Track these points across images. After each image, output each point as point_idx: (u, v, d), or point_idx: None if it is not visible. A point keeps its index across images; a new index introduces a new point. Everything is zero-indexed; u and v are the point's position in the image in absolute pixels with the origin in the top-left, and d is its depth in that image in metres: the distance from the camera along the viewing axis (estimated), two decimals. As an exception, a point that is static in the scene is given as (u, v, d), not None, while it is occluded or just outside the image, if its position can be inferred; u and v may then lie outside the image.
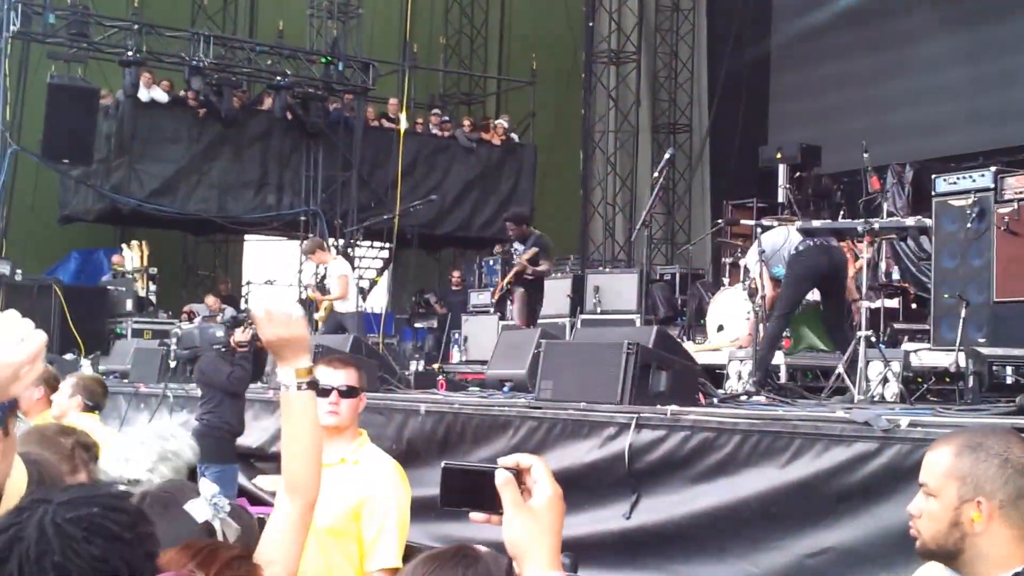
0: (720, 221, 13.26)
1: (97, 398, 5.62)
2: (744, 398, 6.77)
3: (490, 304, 14.60)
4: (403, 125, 15.44)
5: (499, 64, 22.38)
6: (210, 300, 15.90)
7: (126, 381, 10.80)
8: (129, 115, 16.57)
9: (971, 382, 6.40)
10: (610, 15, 21.33)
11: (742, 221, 12.51)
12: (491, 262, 16.62)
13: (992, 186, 7.82)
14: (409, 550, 3.66)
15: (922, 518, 2.25)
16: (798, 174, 13.36)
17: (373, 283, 18.94)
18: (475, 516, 1.59)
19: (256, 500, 7.14)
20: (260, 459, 8.20)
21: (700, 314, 12.32)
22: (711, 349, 9.77)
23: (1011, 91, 16.29)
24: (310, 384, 2.48)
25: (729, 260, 11.84)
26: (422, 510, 4.32)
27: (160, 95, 16.78)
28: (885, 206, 10.41)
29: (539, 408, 6.06)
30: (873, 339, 6.86)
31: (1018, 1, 16.50)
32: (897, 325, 9.96)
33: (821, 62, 19.58)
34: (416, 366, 10.46)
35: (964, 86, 17.26)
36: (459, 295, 16.93)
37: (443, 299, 17.84)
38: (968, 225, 7.89)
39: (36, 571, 1.52)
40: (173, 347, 9.98)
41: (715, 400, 6.45)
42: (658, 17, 22.05)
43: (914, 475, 2.38)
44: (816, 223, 7.52)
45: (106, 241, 18.18)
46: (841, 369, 6.74)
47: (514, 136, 20.11)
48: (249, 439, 7.84)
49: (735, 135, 19.83)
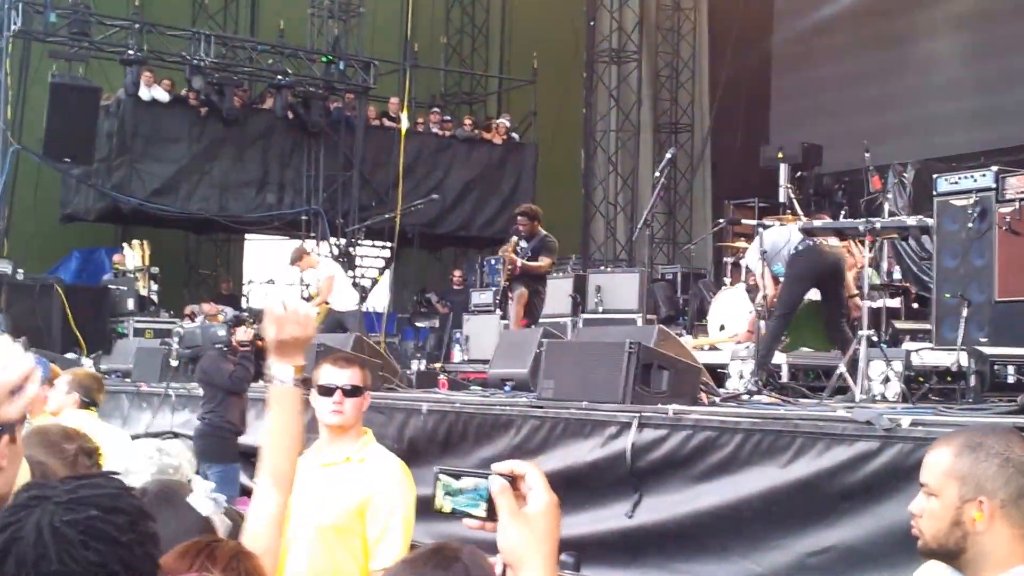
0: (721, 221, 13.28)
1: (93, 394, 5.55)
2: (746, 397, 6.77)
3: (492, 304, 14.62)
4: (404, 124, 15.42)
5: (500, 63, 22.37)
6: (207, 307, 15.83)
7: (128, 380, 10.81)
8: (130, 114, 16.58)
9: (973, 381, 6.40)
10: (611, 14, 21.30)
11: (743, 220, 12.51)
12: (492, 261, 16.61)
13: (993, 186, 7.83)
14: (413, 549, 3.66)
15: (923, 517, 2.25)
16: (799, 173, 13.38)
17: (374, 282, 18.98)
18: (469, 523, 1.58)
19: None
20: (263, 458, 8.18)
21: (702, 313, 12.34)
22: (709, 345, 9.78)
23: (1012, 91, 16.29)
24: (304, 382, 2.59)
25: (730, 259, 11.85)
26: (424, 510, 4.32)
27: (161, 94, 16.78)
28: (886, 205, 10.43)
29: (541, 407, 6.06)
30: (875, 338, 6.86)
31: (1019, 1, 16.50)
32: (899, 324, 9.96)
33: (822, 61, 19.58)
34: (417, 365, 10.48)
35: (965, 86, 17.26)
36: (460, 294, 16.93)
37: (444, 298, 17.83)
38: (969, 225, 7.89)
39: (33, 575, 1.52)
40: (175, 346, 9.98)
41: (717, 399, 6.45)
42: (659, 16, 22.02)
43: (915, 474, 2.38)
44: (817, 223, 7.51)
45: (107, 240, 18.18)
46: (843, 368, 6.75)
47: (515, 135, 20.12)
48: (252, 438, 7.83)
49: (736, 134, 19.82)
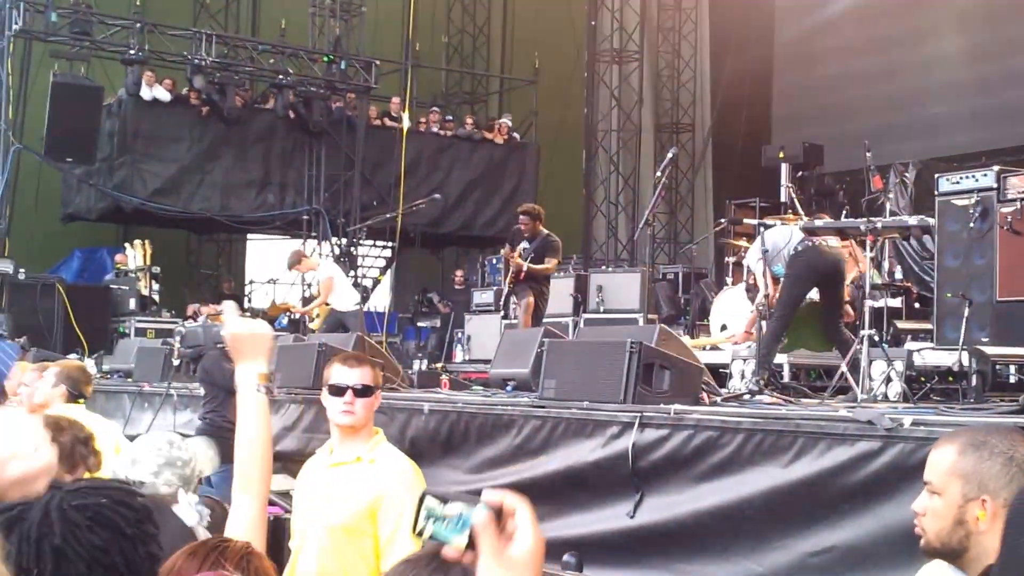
0: (723, 220, 13.27)
1: (81, 387, 5.46)
2: (747, 397, 6.77)
3: (493, 304, 14.61)
4: (406, 124, 15.41)
5: (501, 63, 22.39)
6: (206, 308, 15.76)
7: (130, 380, 10.81)
8: (132, 114, 16.60)
9: (974, 381, 6.40)
10: (612, 14, 21.31)
11: (745, 220, 12.49)
12: (494, 261, 16.62)
13: (995, 186, 7.82)
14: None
15: (926, 516, 2.26)
16: (801, 173, 13.37)
17: (376, 282, 19.01)
18: (447, 552, 1.50)
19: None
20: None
21: (703, 313, 12.34)
22: (709, 345, 9.77)
23: (1014, 91, 16.28)
24: (268, 389, 2.54)
25: (732, 259, 11.84)
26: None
27: (162, 94, 16.80)
28: (888, 205, 10.41)
29: (542, 407, 6.05)
30: (876, 338, 6.86)
31: (1020, 2, 16.49)
32: (900, 324, 9.95)
33: (824, 61, 19.57)
34: (419, 365, 10.46)
35: (967, 86, 17.26)
36: (462, 294, 16.92)
37: (446, 298, 17.83)
38: (971, 225, 7.89)
39: (34, 551, 1.51)
40: (177, 346, 9.97)
41: (718, 399, 6.45)
42: (660, 16, 22.03)
43: (918, 474, 2.38)
44: (818, 222, 7.50)
45: (109, 240, 18.20)
46: (844, 368, 6.74)
47: (517, 135, 20.12)
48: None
49: (738, 134, 19.82)
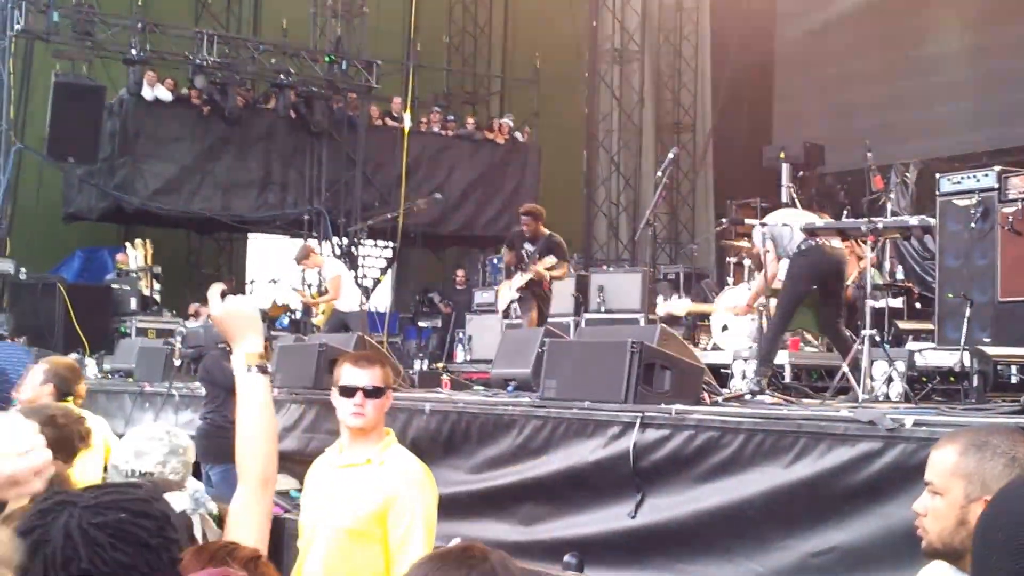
0: (724, 220, 13.21)
1: (71, 385, 5.36)
2: (748, 397, 6.77)
3: (494, 304, 14.59)
4: (407, 124, 15.41)
5: (503, 63, 22.38)
6: (205, 309, 15.82)
7: (131, 380, 10.82)
8: (133, 114, 16.60)
9: (976, 381, 6.40)
10: (613, 14, 21.31)
11: (746, 220, 12.47)
12: (495, 261, 16.61)
13: (996, 186, 7.83)
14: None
15: (928, 516, 2.25)
16: (802, 173, 13.34)
17: (377, 282, 19.01)
18: None
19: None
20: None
21: (704, 313, 12.30)
22: (706, 313, 9.80)
23: (1015, 91, 16.27)
24: (260, 368, 2.47)
25: (733, 259, 11.82)
26: (442, 511, 4.31)
27: (164, 94, 16.79)
28: (889, 205, 10.43)
29: (543, 407, 6.05)
30: (878, 338, 6.86)
31: (1022, 2, 16.48)
32: (901, 324, 9.95)
33: (825, 61, 19.57)
34: (420, 365, 10.46)
35: (968, 86, 17.25)
36: (463, 294, 16.92)
37: (447, 298, 17.83)
38: (972, 225, 7.89)
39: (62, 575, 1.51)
40: (178, 346, 9.98)
41: (719, 399, 6.45)
42: (661, 16, 22.01)
43: (919, 474, 2.38)
44: (819, 222, 7.49)
45: (110, 240, 18.18)
46: (846, 369, 6.74)
47: (518, 135, 20.12)
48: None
49: (739, 134, 19.84)
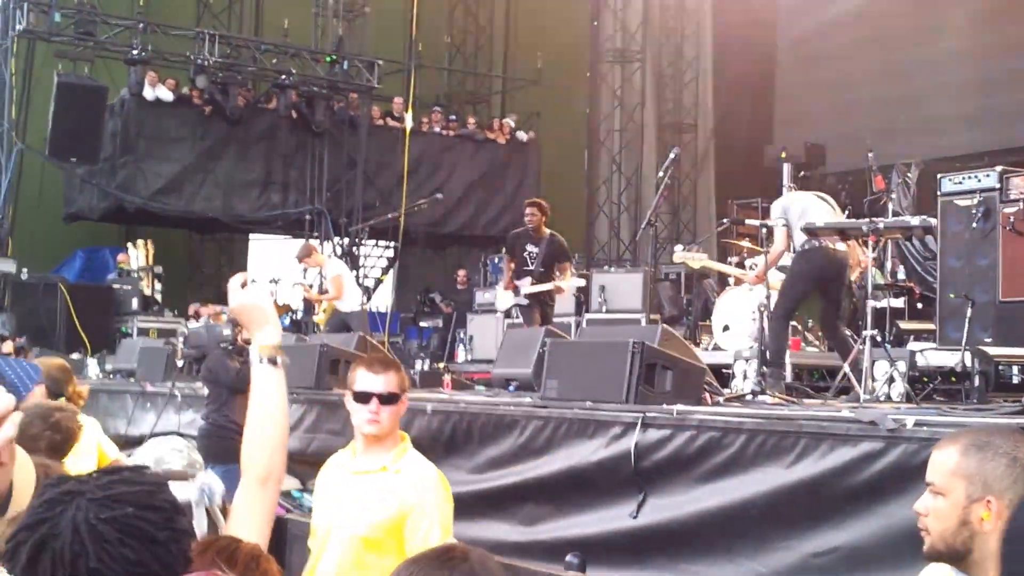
0: (725, 220, 13.25)
1: (62, 386, 5.32)
2: (749, 397, 6.77)
3: (495, 304, 14.59)
4: (408, 124, 15.41)
5: (504, 63, 22.37)
6: (206, 308, 15.76)
7: (132, 380, 10.82)
8: (134, 114, 16.61)
9: (977, 382, 6.40)
10: (615, 14, 21.31)
11: (747, 220, 12.49)
12: (496, 260, 16.61)
13: (997, 186, 7.83)
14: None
15: (930, 517, 2.25)
16: (803, 173, 13.36)
17: (378, 282, 19.01)
18: None
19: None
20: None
21: (705, 314, 12.32)
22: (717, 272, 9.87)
23: (1016, 91, 16.26)
24: (271, 360, 2.46)
25: (734, 259, 11.82)
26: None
27: (165, 94, 16.80)
28: (890, 206, 10.42)
29: (545, 407, 6.05)
30: (879, 339, 6.85)
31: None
32: (903, 324, 9.95)
33: (826, 61, 19.55)
34: (421, 365, 10.49)
35: (969, 86, 17.23)
36: (464, 294, 16.92)
37: (448, 298, 17.84)
38: (973, 225, 7.90)
39: (69, 573, 1.51)
40: (180, 346, 9.98)
41: (721, 399, 6.45)
42: (663, 16, 22.00)
43: (920, 475, 2.38)
44: (820, 223, 7.49)
45: (111, 240, 18.19)
46: (847, 369, 6.74)
47: (519, 135, 20.12)
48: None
49: (740, 134, 19.85)
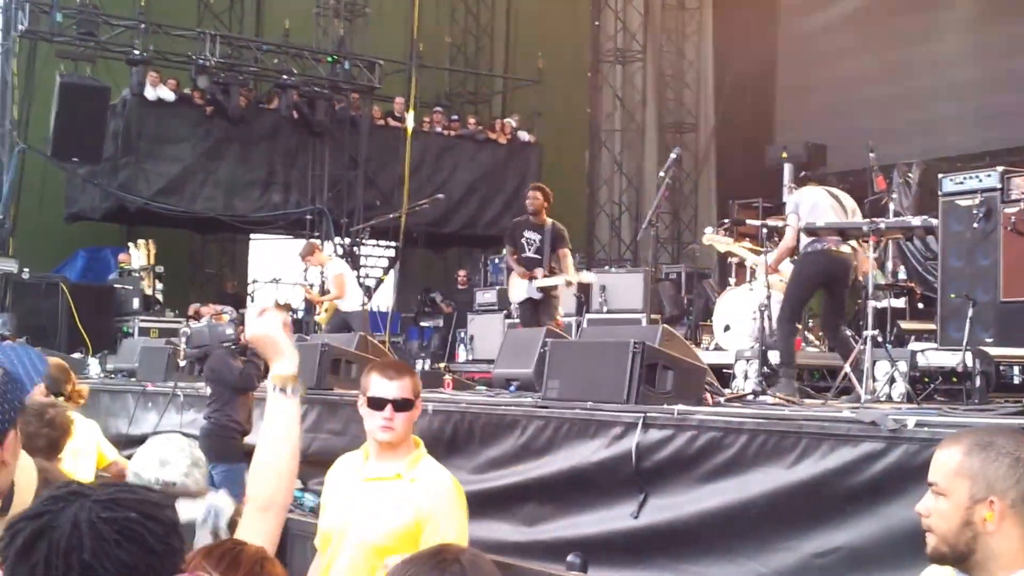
0: (726, 220, 13.24)
1: (60, 385, 5.40)
2: (750, 398, 6.77)
3: (496, 304, 14.60)
4: (410, 124, 15.40)
5: (505, 63, 22.38)
6: (206, 308, 15.75)
7: (133, 380, 10.83)
8: (136, 114, 16.62)
9: (978, 382, 6.40)
10: (616, 14, 21.32)
11: (748, 221, 12.48)
12: (497, 260, 16.62)
13: (999, 186, 7.84)
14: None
15: (932, 517, 2.25)
16: (804, 173, 13.32)
17: (379, 282, 19.02)
18: None
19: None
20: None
21: (706, 314, 12.33)
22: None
23: (1018, 91, 16.25)
24: (283, 391, 2.46)
25: (735, 260, 11.82)
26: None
27: (167, 94, 16.80)
28: (891, 206, 10.43)
29: (546, 407, 6.05)
30: (880, 339, 6.85)
31: (1024, 1, 16.49)
32: (904, 325, 9.94)
33: (827, 61, 19.54)
34: (422, 365, 10.49)
35: (971, 86, 17.22)
36: (465, 294, 16.94)
37: (449, 298, 17.85)
38: (975, 225, 7.90)
39: (62, 564, 1.51)
40: (182, 346, 9.98)
41: (722, 400, 6.45)
42: (664, 16, 22.01)
43: (922, 475, 2.38)
44: (821, 223, 7.49)
45: (113, 239, 18.19)
46: (848, 369, 6.74)
47: (521, 135, 20.12)
48: (254, 437, 7.85)
49: (741, 134, 19.82)
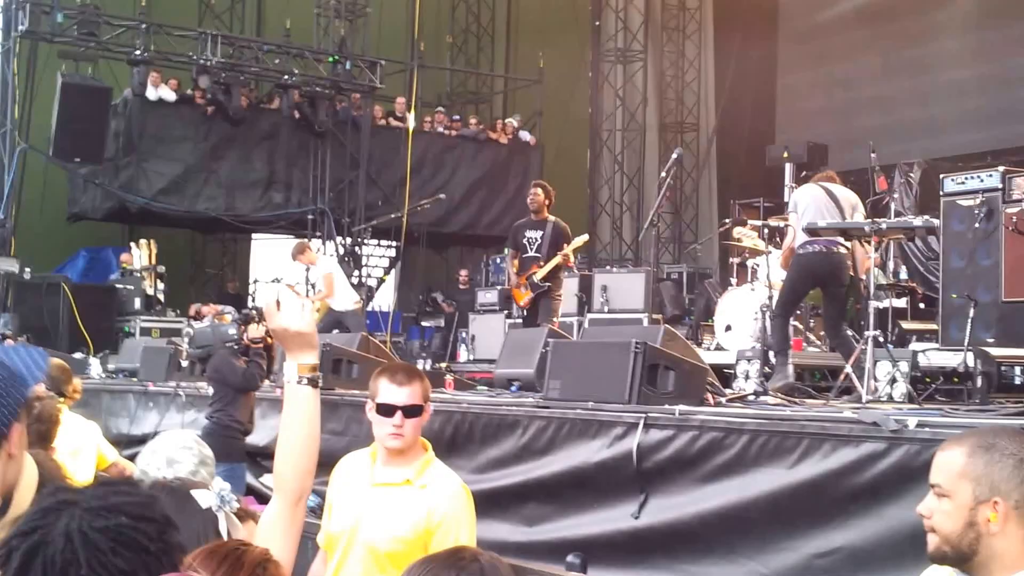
0: (727, 220, 13.24)
1: (61, 385, 5.40)
2: (752, 398, 6.77)
3: (497, 304, 14.60)
4: (411, 124, 15.41)
5: (506, 63, 22.39)
6: (206, 308, 15.78)
7: (135, 380, 10.83)
8: (137, 114, 16.62)
9: (979, 382, 6.39)
10: (616, 14, 21.31)
11: (749, 221, 12.48)
12: (498, 260, 16.63)
13: (1000, 186, 7.83)
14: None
15: (934, 518, 2.24)
16: (805, 173, 13.33)
17: (380, 281, 19.02)
18: None
19: (264, 498, 7.14)
20: (267, 457, 8.17)
21: (708, 314, 12.32)
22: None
23: (1019, 90, 16.25)
24: (311, 381, 2.49)
25: (736, 259, 11.82)
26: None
27: (168, 94, 16.81)
28: (893, 206, 10.43)
29: (547, 407, 6.05)
30: (881, 339, 6.85)
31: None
32: (905, 325, 9.95)
33: (828, 61, 19.54)
34: (423, 365, 10.48)
35: (972, 85, 17.21)
36: (466, 294, 16.94)
37: (450, 298, 17.85)
38: (976, 225, 7.90)
39: None
40: (184, 346, 9.98)
41: (723, 400, 6.44)
42: (665, 16, 21.99)
43: (923, 475, 2.37)
44: (821, 223, 7.48)
45: (114, 239, 18.21)
46: (849, 369, 6.74)
47: (521, 135, 20.12)
48: (256, 437, 7.85)
49: (742, 134, 19.82)
